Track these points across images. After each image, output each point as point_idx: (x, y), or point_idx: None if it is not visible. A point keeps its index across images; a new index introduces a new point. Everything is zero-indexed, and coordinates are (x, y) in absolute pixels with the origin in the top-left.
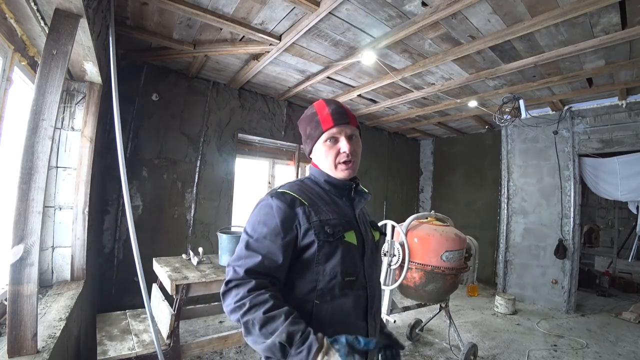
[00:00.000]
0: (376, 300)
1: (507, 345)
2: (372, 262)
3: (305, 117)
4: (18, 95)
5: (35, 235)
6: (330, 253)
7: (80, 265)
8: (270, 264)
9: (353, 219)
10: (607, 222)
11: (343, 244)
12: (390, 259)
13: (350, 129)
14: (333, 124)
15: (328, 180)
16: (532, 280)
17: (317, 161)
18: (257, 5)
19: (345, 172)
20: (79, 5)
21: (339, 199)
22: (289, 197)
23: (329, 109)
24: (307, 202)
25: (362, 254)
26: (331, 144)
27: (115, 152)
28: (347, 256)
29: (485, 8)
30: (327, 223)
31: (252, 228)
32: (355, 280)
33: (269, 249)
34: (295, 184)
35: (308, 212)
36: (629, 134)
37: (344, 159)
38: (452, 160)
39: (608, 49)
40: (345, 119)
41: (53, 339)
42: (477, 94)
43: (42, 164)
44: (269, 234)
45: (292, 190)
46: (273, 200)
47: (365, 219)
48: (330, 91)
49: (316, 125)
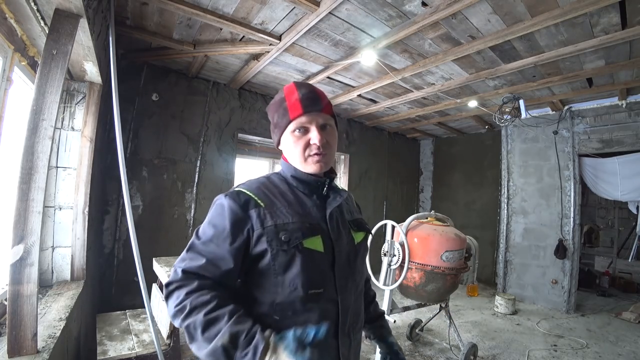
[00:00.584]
0: (351, 314)
1: (507, 345)
2: (348, 270)
3: (273, 103)
4: (18, 95)
5: (35, 235)
6: (288, 263)
7: (80, 265)
8: (215, 270)
9: (321, 222)
10: (607, 222)
11: (302, 252)
12: (390, 259)
13: (322, 117)
14: (302, 111)
15: (296, 175)
16: (532, 280)
17: (285, 153)
18: (257, 5)
19: (316, 165)
20: (79, 5)
21: (307, 198)
22: (243, 198)
23: (299, 93)
24: (264, 203)
25: (331, 262)
26: (300, 134)
27: (115, 152)
28: (310, 266)
29: (485, 8)
30: (284, 228)
31: (202, 229)
32: (323, 293)
33: (214, 254)
34: (256, 181)
35: (263, 215)
36: (629, 134)
37: (314, 151)
38: (452, 160)
39: (608, 49)
40: (318, 105)
41: (53, 339)
42: (477, 94)
43: (42, 164)
44: (216, 237)
45: (249, 190)
46: (226, 200)
47: (343, 220)
48: (330, 91)
49: (283, 113)
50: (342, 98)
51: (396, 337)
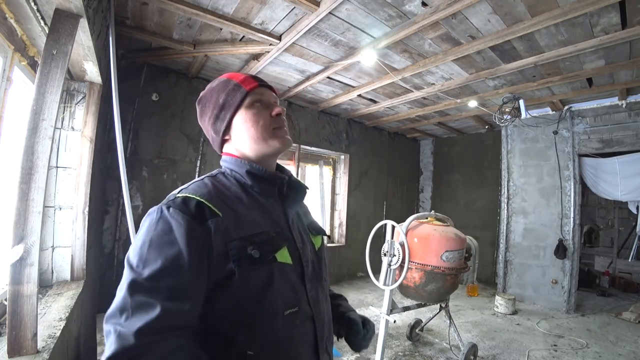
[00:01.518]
0: (326, 327)
1: (507, 345)
2: (316, 279)
3: (211, 88)
4: (18, 95)
5: (35, 235)
6: (260, 283)
7: (80, 265)
8: (178, 316)
9: (285, 228)
10: (607, 222)
11: (276, 267)
12: (390, 259)
13: (274, 95)
14: (257, 83)
15: (252, 171)
16: (532, 280)
17: (239, 138)
18: (257, 5)
19: (284, 139)
20: (79, 5)
21: (265, 200)
22: (195, 205)
23: (244, 74)
24: (221, 210)
25: (301, 273)
26: (261, 105)
27: (115, 152)
28: (283, 283)
29: (485, 8)
30: (252, 241)
31: (138, 258)
32: (298, 311)
33: (171, 292)
34: (203, 184)
35: (223, 226)
36: (629, 134)
37: (278, 124)
38: (452, 160)
39: (608, 49)
40: (267, 82)
41: (53, 339)
42: (477, 94)
43: (42, 164)
44: (169, 267)
45: (198, 194)
46: (170, 212)
47: (302, 224)
48: (330, 91)
49: (235, 89)
50: (342, 98)
51: (396, 337)
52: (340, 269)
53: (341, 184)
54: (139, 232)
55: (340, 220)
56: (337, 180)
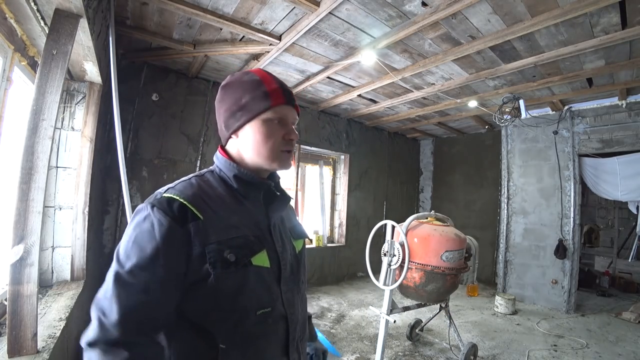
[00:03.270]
0: (299, 328)
1: (507, 345)
2: (292, 283)
3: (241, 81)
4: (18, 95)
5: (35, 235)
6: (235, 285)
7: (80, 265)
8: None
9: (266, 232)
10: (607, 222)
11: (251, 271)
12: (390, 259)
13: (295, 114)
14: (284, 101)
15: (239, 175)
16: (532, 280)
17: (243, 144)
18: (257, 5)
19: (287, 162)
20: (79, 5)
21: (249, 203)
22: (178, 207)
23: (277, 83)
24: (203, 213)
25: (277, 277)
26: (278, 125)
27: (115, 152)
28: (258, 285)
29: (485, 8)
30: (229, 245)
31: (124, 252)
32: (271, 312)
33: (146, 285)
34: (189, 184)
35: (203, 229)
36: (629, 134)
37: (288, 147)
38: (452, 160)
39: (608, 49)
40: (294, 100)
41: (53, 339)
42: (477, 94)
43: (42, 164)
44: (148, 263)
45: (183, 196)
46: (154, 212)
47: (284, 228)
48: (330, 91)
49: (262, 96)
50: (342, 98)
51: (396, 337)
52: (340, 269)
53: (341, 184)
54: (128, 227)
55: (340, 220)
56: (337, 180)
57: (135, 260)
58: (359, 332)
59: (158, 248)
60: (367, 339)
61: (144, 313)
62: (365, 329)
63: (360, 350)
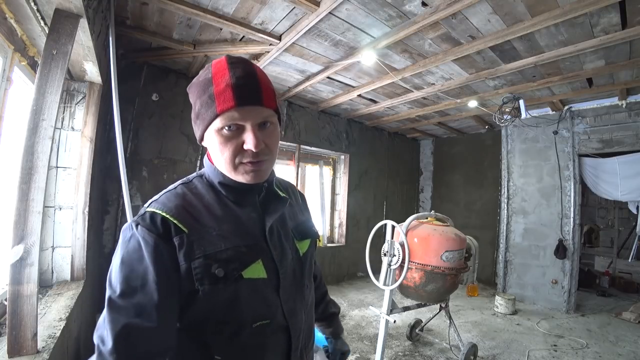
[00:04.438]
0: (303, 336)
1: (507, 345)
2: (295, 289)
3: (196, 82)
4: (18, 95)
5: (35, 235)
6: (227, 300)
7: (80, 265)
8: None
9: (260, 240)
10: (607, 222)
11: (243, 284)
12: (390, 259)
13: (262, 112)
14: (234, 103)
15: (224, 182)
16: (532, 280)
17: (211, 153)
18: (257, 5)
19: (249, 176)
20: (79, 5)
21: (240, 210)
22: (160, 223)
23: (232, 76)
24: (187, 227)
25: (276, 286)
26: (229, 133)
27: (115, 152)
28: (253, 298)
29: (485, 8)
30: (216, 259)
31: (114, 275)
32: (270, 323)
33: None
34: (174, 195)
35: (188, 244)
36: (629, 134)
37: (247, 159)
38: (452, 160)
39: (608, 49)
40: (256, 95)
41: (53, 339)
42: (477, 94)
43: (42, 164)
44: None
45: (166, 210)
46: (138, 230)
47: (285, 231)
48: (330, 91)
49: (208, 102)
50: (342, 98)
51: (396, 337)
52: (340, 269)
53: (341, 184)
54: (116, 249)
55: (340, 220)
56: (337, 180)
57: (125, 282)
58: (359, 332)
59: (147, 267)
60: (367, 339)
61: (139, 338)
62: (365, 329)
63: (360, 350)
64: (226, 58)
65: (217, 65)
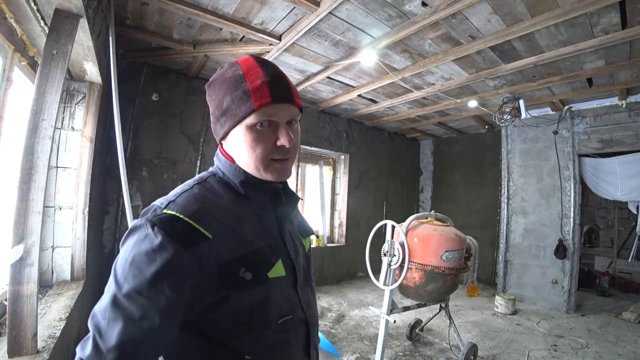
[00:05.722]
0: (316, 326)
1: (507, 345)
2: (306, 283)
3: (222, 79)
4: (18, 95)
5: (35, 235)
6: (255, 303)
7: (80, 265)
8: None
9: (279, 239)
10: (607, 222)
11: (269, 284)
12: (390, 259)
13: (292, 110)
14: (271, 99)
15: (246, 181)
16: (532, 280)
17: (234, 151)
18: (257, 5)
19: (278, 174)
20: (79, 5)
21: (259, 209)
22: (182, 228)
23: (265, 74)
24: (212, 231)
25: (294, 283)
26: (263, 130)
27: (115, 152)
28: (278, 296)
29: (485, 8)
30: (244, 262)
31: (121, 272)
32: (292, 319)
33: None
34: (192, 195)
35: (216, 250)
36: (629, 134)
37: (280, 156)
38: (452, 160)
39: (608, 49)
40: (289, 94)
41: (53, 339)
42: (477, 94)
43: (42, 164)
44: (146, 288)
45: (187, 213)
46: (155, 232)
47: (293, 230)
48: (330, 91)
49: (243, 98)
50: (342, 98)
51: (396, 337)
52: (340, 269)
53: (341, 184)
54: (125, 243)
55: (340, 220)
56: (337, 180)
57: (133, 283)
58: (359, 332)
59: (159, 274)
60: (367, 339)
61: (141, 340)
62: (365, 329)
63: (360, 350)
64: (252, 57)
65: (246, 63)
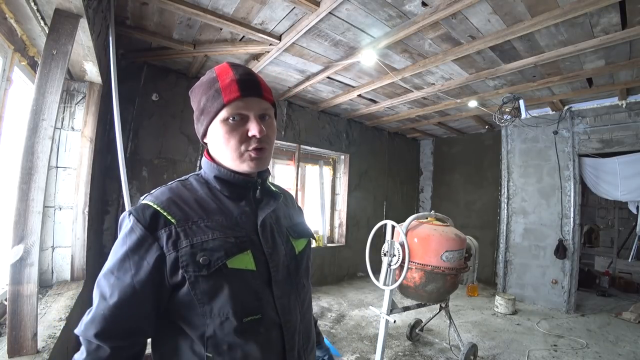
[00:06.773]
0: (301, 337)
1: (507, 345)
2: (289, 286)
3: (200, 83)
4: (18, 95)
5: (35, 235)
6: (212, 290)
7: (80, 265)
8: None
9: (251, 233)
10: (607, 222)
11: (228, 274)
12: (390, 259)
13: (262, 104)
14: (239, 94)
15: (219, 176)
16: (532, 280)
17: (213, 147)
18: (257, 5)
19: (253, 163)
20: (79, 5)
21: (233, 204)
22: (149, 214)
23: (235, 73)
24: (175, 218)
25: (267, 280)
26: (235, 123)
27: (115, 152)
28: (241, 289)
29: (485, 8)
30: (202, 248)
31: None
32: (262, 319)
33: (114, 289)
34: (168, 189)
35: (175, 234)
36: (629, 134)
37: (253, 145)
38: (452, 160)
39: (608, 49)
40: (257, 89)
41: (53, 339)
42: (477, 94)
43: (42, 164)
44: (117, 267)
45: (157, 202)
46: (130, 219)
47: (279, 227)
48: (330, 91)
49: (215, 95)
50: (342, 98)
51: (396, 337)
52: (340, 269)
53: (341, 184)
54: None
55: (340, 220)
56: (337, 180)
57: (109, 264)
58: (359, 332)
59: (127, 254)
60: (367, 339)
61: (111, 316)
62: (365, 329)
63: (360, 350)
64: (228, 63)
65: (220, 67)
